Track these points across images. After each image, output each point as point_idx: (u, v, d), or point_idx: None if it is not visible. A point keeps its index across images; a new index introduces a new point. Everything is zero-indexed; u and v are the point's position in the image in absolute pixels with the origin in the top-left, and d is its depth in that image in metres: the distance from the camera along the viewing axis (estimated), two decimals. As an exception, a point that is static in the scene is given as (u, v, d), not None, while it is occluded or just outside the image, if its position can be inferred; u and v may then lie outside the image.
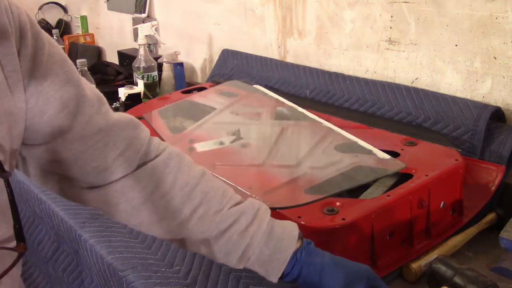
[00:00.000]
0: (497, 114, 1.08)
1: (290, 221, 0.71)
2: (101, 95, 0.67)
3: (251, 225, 0.68)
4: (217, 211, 0.68)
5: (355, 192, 0.92)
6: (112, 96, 1.73)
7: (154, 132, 1.24)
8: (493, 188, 0.98)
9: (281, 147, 1.09)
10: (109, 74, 2.00)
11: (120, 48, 2.19)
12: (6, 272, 0.52)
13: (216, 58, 1.78)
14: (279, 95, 1.37)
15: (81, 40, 2.58)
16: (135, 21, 2.21)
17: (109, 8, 2.46)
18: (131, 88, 1.66)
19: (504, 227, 0.92)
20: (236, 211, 0.69)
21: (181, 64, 1.79)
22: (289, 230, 0.69)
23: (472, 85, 1.14)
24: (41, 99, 0.58)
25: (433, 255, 0.85)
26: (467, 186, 0.98)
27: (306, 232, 0.82)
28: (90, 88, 0.65)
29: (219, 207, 0.68)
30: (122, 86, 1.70)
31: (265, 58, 1.60)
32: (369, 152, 1.00)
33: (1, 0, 0.55)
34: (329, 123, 1.17)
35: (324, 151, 1.02)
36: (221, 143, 1.14)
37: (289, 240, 0.68)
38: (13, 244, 0.54)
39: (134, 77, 1.71)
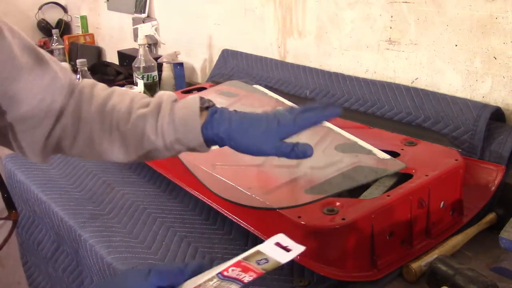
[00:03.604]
0: (497, 114, 1.08)
1: (191, 97, 0.72)
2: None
3: (158, 122, 0.71)
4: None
5: (355, 192, 0.92)
6: (112, 96, 1.73)
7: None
8: (493, 188, 0.98)
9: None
10: (109, 74, 2.00)
11: (120, 48, 2.19)
12: (6, 241, 0.53)
13: (216, 58, 1.78)
14: (279, 95, 1.37)
15: (81, 40, 2.58)
16: (135, 21, 2.21)
17: (109, 8, 2.46)
18: (131, 88, 1.66)
19: (504, 227, 0.92)
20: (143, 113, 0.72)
21: (181, 64, 1.79)
22: (190, 109, 0.71)
23: (472, 85, 1.14)
24: None
25: (433, 255, 0.85)
26: (467, 186, 0.98)
27: (306, 232, 0.82)
28: None
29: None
30: (122, 86, 1.70)
31: (265, 58, 1.60)
32: (369, 152, 1.00)
33: None
34: (329, 123, 1.17)
35: (324, 151, 1.02)
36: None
37: (192, 120, 0.70)
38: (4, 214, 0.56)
39: (134, 77, 1.71)
